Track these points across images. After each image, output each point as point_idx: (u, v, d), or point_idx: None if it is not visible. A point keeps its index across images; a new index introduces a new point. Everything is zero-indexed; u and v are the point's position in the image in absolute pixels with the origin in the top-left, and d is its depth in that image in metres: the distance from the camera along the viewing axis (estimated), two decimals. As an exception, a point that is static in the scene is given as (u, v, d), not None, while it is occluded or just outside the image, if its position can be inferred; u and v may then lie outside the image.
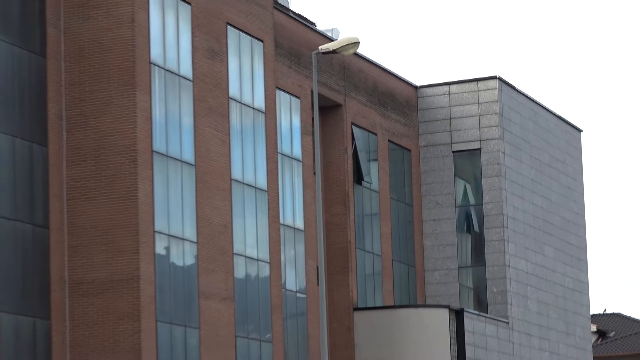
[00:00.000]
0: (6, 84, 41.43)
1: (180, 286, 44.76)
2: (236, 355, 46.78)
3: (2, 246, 40.64)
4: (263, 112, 49.44)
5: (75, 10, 43.54)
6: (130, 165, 42.93)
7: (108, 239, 42.71)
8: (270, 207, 49.73)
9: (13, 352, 40.94)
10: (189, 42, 45.74)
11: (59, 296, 42.70)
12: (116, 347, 42.27)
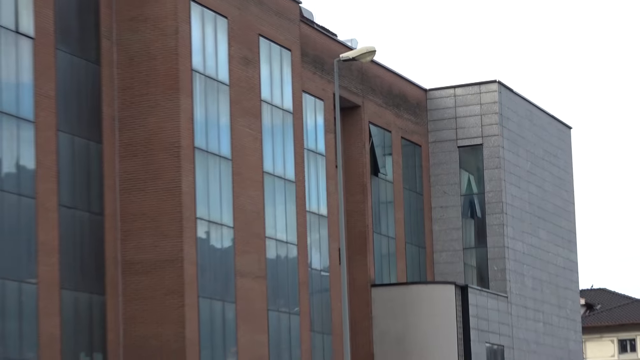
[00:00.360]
0: (66, 89, 41.60)
1: (218, 266, 44.81)
2: (268, 327, 46.80)
3: (63, 231, 40.80)
4: (291, 112, 49.46)
5: (125, 23, 43.57)
6: (174, 160, 42.99)
7: (155, 224, 42.81)
8: (297, 196, 49.71)
9: (72, 325, 41.05)
10: (226, 51, 45.77)
11: (112, 275, 42.82)
12: (163, 320, 42.35)
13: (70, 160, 41.72)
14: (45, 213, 40.11)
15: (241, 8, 46.63)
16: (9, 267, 38.42)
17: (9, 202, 38.78)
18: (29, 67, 40.13)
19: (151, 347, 42.33)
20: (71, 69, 42.11)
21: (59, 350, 40.02)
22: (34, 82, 40.17)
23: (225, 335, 44.60)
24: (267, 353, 46.61)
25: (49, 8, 40.89)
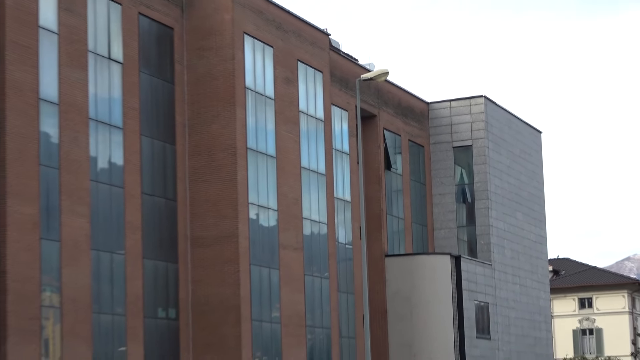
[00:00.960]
0: (147, 103, 41.99)
1: (266, 240, 45.09)
2: (304, 288, 47.11)
3: (145, 213, 41.28)
4: (322, 120, 49.71)
5: (194, 52, 43.91)
6: (231, 157, 43.36)
7: (216, 208, 43.17)
8: (327, 186, 49.99)
9: (152, 286, 41.45)
10: (272, 73, 46.01)
11: (183, 248, 43.19)
12: (222, 283, 42.72)
13: (150, 158, 42.22)
14: (131, 199, 40.69)
15: (283, 39, 46.98)
16: (103, 242, 39.03)
17: (103, 191, 39.35)
18: (118, 85, 40.64)
19: (213, 304, 42.73)
20: (151, 87, 42.60)
21: (142, 306, 40.58)
22: (122, 97, 40.70)
23: (270, 294, 44.99)
24: (304, 309, 46.97)
25: (134, 40, 41.43)
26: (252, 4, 45.38)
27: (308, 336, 47.32)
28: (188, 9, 44.24)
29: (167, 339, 42.27)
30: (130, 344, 39.76)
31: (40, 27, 36.62)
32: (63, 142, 37.26)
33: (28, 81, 35.75)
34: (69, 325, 36.55)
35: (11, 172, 34.77)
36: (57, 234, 36.47)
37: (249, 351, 42.75)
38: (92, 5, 39.21)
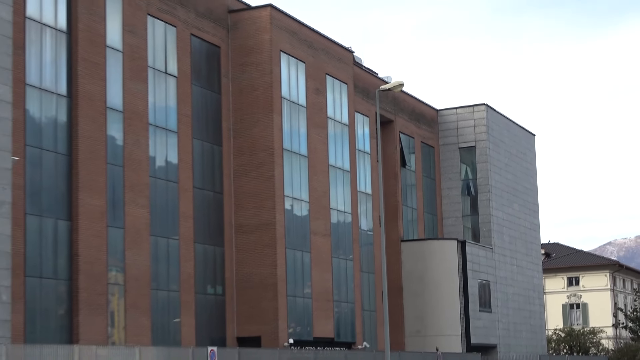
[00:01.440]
0: (198, 110, 42.07)
1: (299, 228, 45.14)
2: (332, 268, 47.12)
3: (196, 204, 41.38)
4: (347, 125, 49.73)
5: (237, 67, 43.96)
6: (269, 157, 43.45)
7: (257, 200, 43.24)
8: (351, 181, 50.03)
9: (202, 267, 41.58)
10: (304, 85, 46.04)
11: (229, 234, 43.32)
12: (262, 264, 42.82)
13: (200, 157, 42.34)
14: (184, 192, 40.85)
15: (314, 56, 47.01)
16: (160, 229, 39.25)
17: (160, 186, 39.55)
18: (173, 96, 40.79)
19: (254, 282, 42.83)
20: (201, 97, 42.72)
21: (193, 284, 40.75)
22: (177, 106, 40.84)
23: (303, 274, 45.04)
24: (331, 286, 46.99)
25: (187, 57, 41.56)
26: (287, 26, 45.49)
27: (335, 309, 47.39)
28: (233, 30, 44.37)
29: (214, 311, 42.44)
30: (184, 316, 39.97)
31: (108, 47, 36.89)
32: (127, 144, 37.49)
33: (97, 92, 36.00)
34: (132, 299, 36.82)
35: (82, 169, 35.03)
36: (121, 222, 36.76)
37: (285, 322, 42.88)
38: (151, 27, 39.43)
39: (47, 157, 34.19)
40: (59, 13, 35.20)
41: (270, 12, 44.43)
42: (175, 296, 39.71)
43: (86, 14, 35.77)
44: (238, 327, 42.69)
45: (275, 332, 42.09)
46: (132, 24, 38.09)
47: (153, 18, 39.58)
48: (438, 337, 53.91)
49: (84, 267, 34.49)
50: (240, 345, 40.37)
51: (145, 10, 38.90)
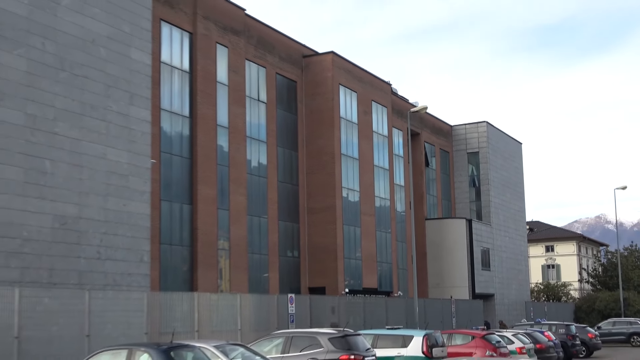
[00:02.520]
0: (280, 126, 42.19)
1: (353, 210, 45.12)
2: (376, 239, 47.13)
3: (280, 193, 41.72)
4: (386, 136, 49.64)
5: (309, 95, 43.95)
6: (331, 159, 43.46)
7: (323, 189, 43.32)
8: (389, 176, 49.90)
9: (284, 238, 41.71)
10: (356, 108, 45.95)
11: (302, 214, 43.41)
12: (326, 235, 42.92)
13: (282, 160, 42.50)
14: (271, 184, 41.02)
15: (363, 87, 46.89)
16: (254, 210, 39.48)
17: (254, 180, 39.82)
18: (263, 116, 40.98)
19: (320, 248, 42.87)
20: (283, 117, 42.84)
21: (277, 249, 40.92)
22: (266, 123, 40.98)
23: (355, 243, 45.00)
24: (375, 251, 46.93)
25: (273, 88, 41.71)
26: (343, 66, 45.42)
27: (378, 268, 47.34)
28: (305, 69, 44.42)
29: (292, 269, 42.57)
30: (271, 272, 40.19)
31: (218, 82, 37.15)
32: (231, 150, 37.71)
33: (210, 114, 36.29)
34: (234, 260, 37.08)
35: (200, 168, 35.31)
36: (227, 205, 37.01)
37: (342, 276, 42.90)
38: (248, 68, 39.64)
39: (175, 160, 34.59)
40: (183, 58, 35.59)
41: (332, 57, 44.50)
42: (265, 258, 39.95)
43: (203, 59, 36.09)
44: (309, 280, 42.87)
45: (336, 283, 42.19)
46: (235, 66, 38.35)
47: (249, 62, 39.84)
48: (452, 288, 53.70)
49: (201, 237, 34.85)
50: (310, 293, 40.53)
51: (244, 56, 39.14)
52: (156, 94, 32.34)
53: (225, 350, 17.66)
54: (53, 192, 25.00)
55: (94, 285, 24.88)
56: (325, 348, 19.62)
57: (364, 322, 34.16)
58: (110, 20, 27.68)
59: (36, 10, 24.95)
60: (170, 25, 34.62)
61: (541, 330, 35.50)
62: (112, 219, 26.99)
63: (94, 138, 26.66)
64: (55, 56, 25.48)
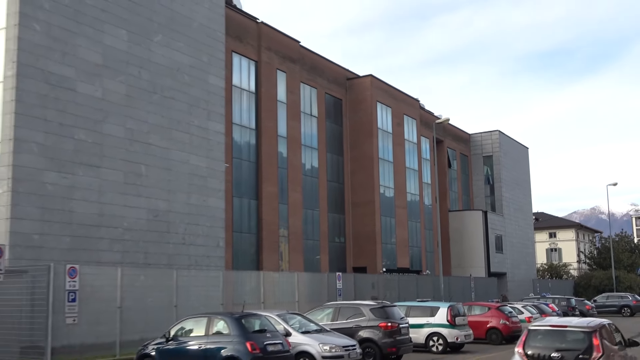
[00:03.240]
0: (329, 136, 42.05)
1: (388, 204, 44.79)
2: (407, 227, 46.68)
3: (329, 190, 41.55)
4: (416, 143, 49.19)
5: (352, 110, 43.67)
6: (370, 162, 43.24)
7: (364, 186, 43.12)
8: (418, 176, 49.43)
9: (331, 227, 41.58)
10: (390, 120, 45.50)
11: (347, 207, 43.23)
12: (367, 224, 42.74)
13: (330, 163, 42.39)
14: (322, 184, 40.96)
15: (396, 103, 46.53)
16: (308, 204, 39.43)
17: (308, 180, 39.74)
18: (315, 128, 40.83)
19: (362, 235, 42.71)
20: (331, 129, 42.71)
21: (327, 236, 40.85)
22: (317, 134, 40.81)
23: (390, 231, 44.70)
24: (407, 237, 46.53)
25: (322, 105, 41.63)
26: (380, 87, 45.14)
27: (409, 251, 46.96)
28: (349, 89, 44.27)
29: (339, 252, 42.43)
30: (322, 254, 40.11)
31: (278, 100, 37.26)
32: (289, 156, 37.77)
33: (271, 127, 36.41)
34: (292, 245, 37.14)
35: (264, 170, 35.44)
36: (286, 200, 37.08)
37: (380, 258, 42.66)
38: (302, 89, 39.67)
39: (244, 164, 34.80)
40: (250, 82, 35.76)
41: (371, 79, 44.29)
42: (317, 243, 39.95)
43: (266, 82, 36.25)
44: (353, 261, 42.75)
45: (375, 264, 42.02)
46: (292, 87, 38.43)
47: (303, 84, 39.86)
48: (471, 268, 53.06)
49: (265, 226, 34.99)
50: (354, 272, 40.38)
51: (299, 79, 39.20)
52: (228, 111, 32.64)
53: (285, 318, 17.88)
54: (147, 190, 25.39)
55: (180, 265, 25.21)
56: (367, 317, 19.72)
57: (398, 295, 33.94)
58: (192, 52, 28.02)
59: (134, 46, 25.37)
60: (240, 55, 34.87)
61: (546, 303, 35.01)
62: (194, 212, 27.32)
63: (180, 147, 27.02)
64: (148, 82, 25.88)
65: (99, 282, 19.34)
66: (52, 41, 22.75)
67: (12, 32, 21.87)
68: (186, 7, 28.15)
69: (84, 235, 22.89)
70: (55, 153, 22.48)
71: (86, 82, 23.65)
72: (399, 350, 19.58)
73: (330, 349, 16.79)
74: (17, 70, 21.67)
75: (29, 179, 21.65)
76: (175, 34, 27.41)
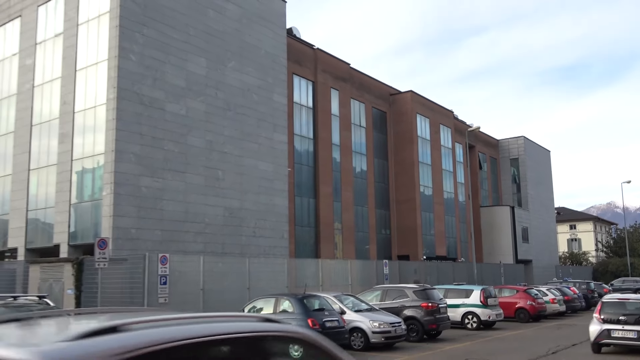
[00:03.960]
0: (376, 143, 41.55)
1: (427, 201, 43.98)
2: (444, 221, 45.84)
3: (376, 190, 41.03)
4: (450, 148, 48.20)
5: (395, 122, 43.09)
6: (411, 166, 42.64)
7: (406, 187, 42.53)
8: (453, 176, 48.52)
9: (379, 221, 41.11)
10: (428, 129, 44.86)
11: (392, 204, 42.69)
12: (408, 219, 42.10)
13: (377, 167, 41.95)
14: (370, 184, 40.60)
15: (433, 115, 45.70)
16: (358, 201, 39.14)
17: (358, 181, 39.59)
18: (363, 137, 40.55)
19: (405, 227, 42.15)
20: (377, 137, 42.21)
21: (375, 228, 40.48)
22: (365, 142, 40.52)
23: (429, 224, 43.92)
24: (444, 229, 45.65)
25: (370, 117, 41.25)
26: (419, 100, 44.50)
27: (446, 241, 46.09)
28: (392, 103, 43.81)
29: (385, 242, 42.02)
30: (371, 244, 39.81)
31: (332, 114, 37.17)
32: (342, 161, 37.64)
33: (326, 137, 36.35)
34: (345, 237, 37.00)
35: (321, 173, 35.40)
36: (339, 199, 36.93)
37: (421, 247, 42.03)
38: (352, 104, 39.47)
39: (304, 168, 34.85)
40: (308, 99, 35.82)
41: (411, 94, 43.73)
42: (366, 235, 39.70)
43: (321, 99, 36.23)
44: (397, 250, 42.32)
45: (416, 252, 41.49)
46: (343, 102, 38.31)
47: (353, 99, 39.69)
48: (500, 256, 51.77)
49: (322, 220, 34.96)
50: (399, 259, 39.97)
51: (349, 96, 39.07)
52: (290, 124, 32.81)
53: (340, 299, 17.97)
54: (223, 192, 25.79)
55: (251, 254, 25.46)
56: (411, 298, 19.54)
57: (437, 279, 33.40)
58: (259, 75, 28.34)
59: (211, 71, 25.87)
60: (299, 77, 34.99)
61: (568, 286, 33.86)
62: (263, 209, 27.58)
63: (250, 155, 27.34)
64: (223, 101, 26.32)
65: (185, 268, 19.68)
66: (145, 69, 23.44)
67: (113, 63, 22.68)
68: (254, 37, 28.52)
69: (172, 229, 23.48)
70: (149, 161, 23.14)
71: (173, 102, 24.28)
72: (438, 326, 19.36)
73: (379, 325, 16.78)
74: (117, 94, 22.45)
75: (128, 183, 22.34)
76: (245, 60, 27.79)
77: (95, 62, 23.60)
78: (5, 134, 27.49)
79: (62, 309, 11.11)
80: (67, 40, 25.04)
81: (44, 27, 26.47)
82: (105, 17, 23.40)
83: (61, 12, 25.57)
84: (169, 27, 24.41)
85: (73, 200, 23.59)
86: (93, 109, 23.36)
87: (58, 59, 25.35)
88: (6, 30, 28.32)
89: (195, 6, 25.68)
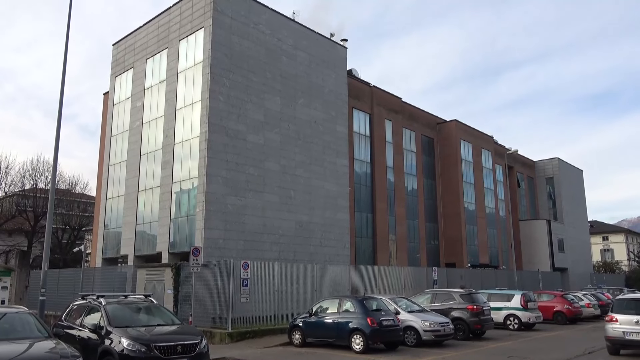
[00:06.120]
0: (424, 166, 40.66)
1: (471, 215, 42.39)
2: (487, 233, 44.12)
3: (425, 205, 40.07)
4: (491, 169, 46.59)
5: (441, 146, 42.08)
6: (457, 184, 41.43)
7: (452, 203, 41.23)
8: (494, 194, 46.74)
9: (428, 232, 39.95)
10: (471, 152, 43.56)
11: (440, 217, 41.42)
12: (455, 229, 40.90)
13: (426, 186, 40.97)
14: (420, 201, 39.62)
15: (475, 140, 44.45)
16: (410, 216, 38.24)
17: (410, 199, 38.67)
18: (414, 160, 39.76)
19: (452, 238, 40.81)
20: (425, 160, 41.30)
21: (425, 239, 39.41)
22: (415, 164, 39.77)
23: (473, 235, 42.15)
24: (487, 240, 43.73)
25: (420, 143, 40.44)
26: (462, 128, 43.30)
27: (489, 251, 44.22)
28: (439, 131, 42.84)
29: (434, 252, 40.75)
30: (421, 253, 38.82)
31: (386, 141, 36.62)
32: (395, 181, 37.02)
33: (382, 160, 35.90)
34: (399, 246, 36.22)
35: (377, 192, 34.87)
36: (394, 213, 36.17)
37: (466, 256, 40.47)
38: (404, 132, 38.82)
39: (363, 187, 34.52)
40: (366, 129, 35.56)
41: (455, 123, 42.69)
42: (417, 245, 38.73)
43: (377, 128, 35.91)
44: (445, 258, 41.05)
45: (462, 260, 40.13)
46: (396, 131, 37.86)
47: (405, 128, 39.14)
48: (538, 264, 49.36)
49: (379, 232, 34.43)
50: (446, 266, 38.82)
51: (401, 125, 38.57)
52: (351, 150, 32.75)
53: (395, 301, 17.84)
54: (295, 208, 25.97)
55: (318, 261, 25.43)
56: (457, 301, 19.04)
57: (481, 285, 32.19)
58: (324, 109, 28.56)
59: (284, 107, 26.31)
60: (358, 110, 34.95)
61: (602, 292, 31.81)
62: (328, 223, 27.54)
63: (317, 177, 27.46)
64: (295, 132, 26.65)
65: (263, 272, 19.85)
66: (230, 107, 24.20)
67: (205, 103, 23.58)
68: (320, 78, 28.88)
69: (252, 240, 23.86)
70: (233, 183, 23.74)
71: (253, 134, 24.89)
72: (483, 326, 18.69)
73: (430, 324, 16.46)
74: (208, 128, 23.30)
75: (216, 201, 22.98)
76: (313, 98, 28.15)
77: (191, 102, 24.61)
78: (120, 162, 28.92)
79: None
80: (169, 85, 26.26)
81: (151, 76, 27.83)
82: (199, 66, 24.42)
83: (164, 63, 26.83)
84: (250, 72, 25.17)
85: (172, 216, 24.48)
86: (189, 140, 24.31)
87: (162, 100, 26.60)
88: (122, 79, 29.96)
89: (271, 54, 26.39)
